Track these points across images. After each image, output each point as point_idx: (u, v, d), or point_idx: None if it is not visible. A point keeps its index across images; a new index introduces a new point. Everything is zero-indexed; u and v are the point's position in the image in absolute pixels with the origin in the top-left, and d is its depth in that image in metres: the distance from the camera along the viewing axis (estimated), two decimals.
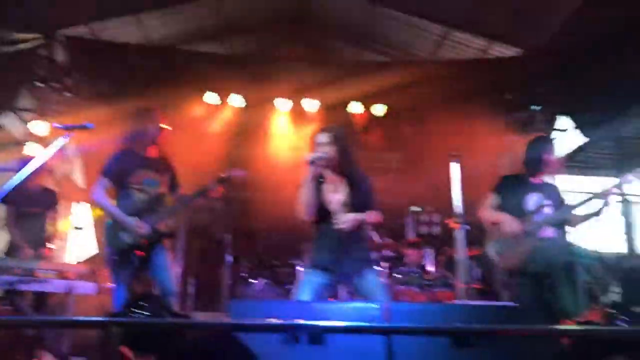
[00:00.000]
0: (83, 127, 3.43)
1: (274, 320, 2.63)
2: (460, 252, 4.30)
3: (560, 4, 7.13)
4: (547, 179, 4.49)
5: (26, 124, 7.45)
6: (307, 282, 3.74)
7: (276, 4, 8.57)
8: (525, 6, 7.59)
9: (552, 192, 4.41)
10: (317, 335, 2.89)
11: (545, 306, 4.10)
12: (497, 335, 2.91)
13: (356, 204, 3.75)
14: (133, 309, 3.11)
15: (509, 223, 4.23)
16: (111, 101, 7.64)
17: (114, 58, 7.74)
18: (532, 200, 4.30)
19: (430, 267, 6.65)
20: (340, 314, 3.02)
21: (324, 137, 3.76)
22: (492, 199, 4.45)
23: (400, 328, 2.96)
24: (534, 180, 4.39)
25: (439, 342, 2.87)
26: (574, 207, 4.28)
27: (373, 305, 3.01)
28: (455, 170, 4.38)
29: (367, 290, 3.72)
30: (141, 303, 3.13)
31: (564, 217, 4.32)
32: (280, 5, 8.63)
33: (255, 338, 2.90)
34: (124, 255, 4.00)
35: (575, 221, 4.36)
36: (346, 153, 3.79)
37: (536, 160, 4.39)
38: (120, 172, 4.14)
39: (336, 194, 3.76)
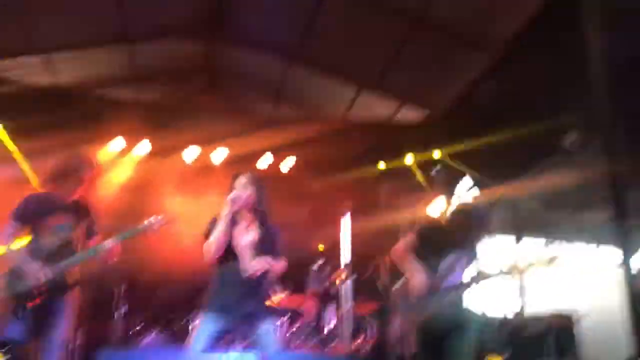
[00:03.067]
0: None
1: None
2: (348, 305, 4.33)
3: (464, 68, 7.62)
4: (464, 239, 4.33)
5: None
6: (202, 329, 3.70)
7: (189, 53, 8.63)
8: (431, 71, 8.07)
9: (467, 256, 4.32)
10: None
11: None
12: None
13: (264, 248, 3.82)
14: None
15: (419, 279, 4.20)
16: (15, 143, 7.38)
17: (19, 99, 7.48)
18: (447, 260, 4.25)
19: (329, 322, 6.66)
20: None
21: (244, 179, 3.92)
22: (411, 240, 4.39)
23: None
24: (450, 239, 4.30)
25: None
26: (483, 278, 4.23)
27: (250, 355, 2.99)
28: (346, 223, 4.46)
29: (261, 340, 3.72)
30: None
31: (471, 286, 4.29)
32: (193, 55, 8.70)
33: None
34: (18, 305, 3.75)
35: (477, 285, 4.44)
36: (262, 197, 3.94)
37: (473, 220, 4.33)
38: (31, 215, 3.96)
39: (247, 235, 3.85)
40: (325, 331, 6.32)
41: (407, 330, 5.08)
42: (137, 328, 6.46)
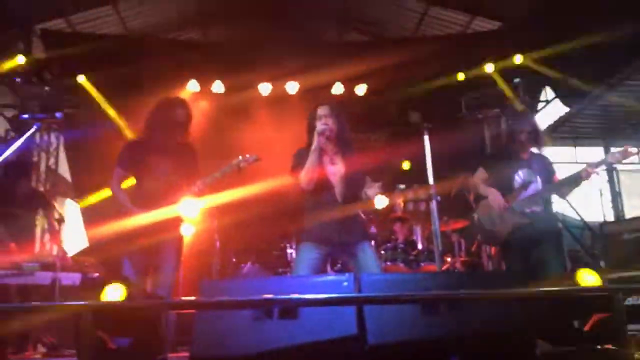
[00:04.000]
0: (52, 117, 3.42)
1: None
2: (436, 225, 4.30)
3: None
4: (536, 151, 4.37)
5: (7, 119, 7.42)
6: (302, 258, 3.78)
7: None
8: None
9: (541, 166, 4.32)
10: (289, 310, 2.91)
11: (532, 275, 4.08)
12: (465, 301, 2.93)
13: (351, 177, 3.83)
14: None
15: (495, 199, 4.23)
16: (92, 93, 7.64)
17: (93, 50, 7.68)
18: (519, 176, 4.26)
19: (417, 242, 6.69)
20: (312, 288, 3.04)
21: (324, 110, 3.86)
22: (480, 172, 4.44)
23: (368, 298, 2.98)
24: (523, 154, 4.31)
25: (409, 310, 2.89)
26: (562, 184, 4.21)
27: (343, 277, 3.02)
28: (427, 142, 4.37)
29: (364, 264, 3.75)
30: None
31: (551, 194, 4.32)
32: None
33: (226, 315, 2.91)
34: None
35: (562, 194, 4.35)
36: (343, 126, 3.91)
37: (524, 134, 4.26)
38: (132, 161, 4.08)
39: (334, 166, 3.87)
40: (414, 252, 6.36)
41: (493, 246, 4.99)
42: (233, 260, 6.75)
